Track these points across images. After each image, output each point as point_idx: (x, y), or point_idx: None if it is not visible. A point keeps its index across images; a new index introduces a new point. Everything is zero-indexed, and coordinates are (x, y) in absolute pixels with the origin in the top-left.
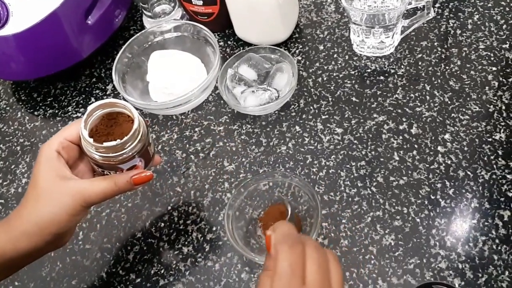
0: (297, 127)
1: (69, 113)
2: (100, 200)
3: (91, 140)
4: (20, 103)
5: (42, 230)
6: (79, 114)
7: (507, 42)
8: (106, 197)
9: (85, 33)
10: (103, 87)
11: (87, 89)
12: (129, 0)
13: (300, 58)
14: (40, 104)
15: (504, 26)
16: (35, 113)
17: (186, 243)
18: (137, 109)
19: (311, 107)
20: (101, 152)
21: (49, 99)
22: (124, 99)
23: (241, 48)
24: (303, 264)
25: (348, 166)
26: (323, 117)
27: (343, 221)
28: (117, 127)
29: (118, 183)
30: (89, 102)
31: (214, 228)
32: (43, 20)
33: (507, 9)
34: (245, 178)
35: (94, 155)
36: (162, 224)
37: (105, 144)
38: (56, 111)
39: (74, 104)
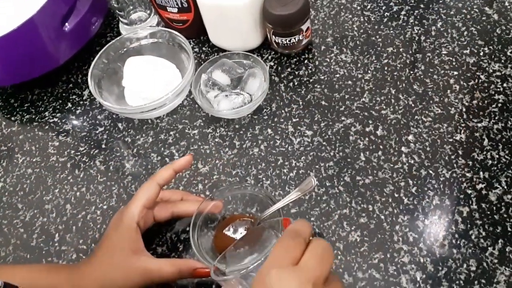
0: (269, 130)
1: (46, 118)
2: (162, 282)
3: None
4: None
5: None
6: (56, 119)
7: (468, 47)
8: (168, 281)
9: (61, 40)
10: (80, 93)
11: (64, 94)
12: (106, 8)
13: (272, 63)
14: (17, 109)
15: (465, 33)
16: (12, 118)
17: (161, 243)
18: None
19: (283, 111)
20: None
21: (26, 105)
22: (100, 104)
23: (215, 54)
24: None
25: (317, 166)
26: (294, 120)
27: (312, 219)
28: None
29: (182, 272)
30: (66, 108)
31: (187, 228)
32: (19, 27)
33: (468, 16)
34: (211, 192)
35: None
36: None
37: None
38: (33, 117)
39: (51, 109)
